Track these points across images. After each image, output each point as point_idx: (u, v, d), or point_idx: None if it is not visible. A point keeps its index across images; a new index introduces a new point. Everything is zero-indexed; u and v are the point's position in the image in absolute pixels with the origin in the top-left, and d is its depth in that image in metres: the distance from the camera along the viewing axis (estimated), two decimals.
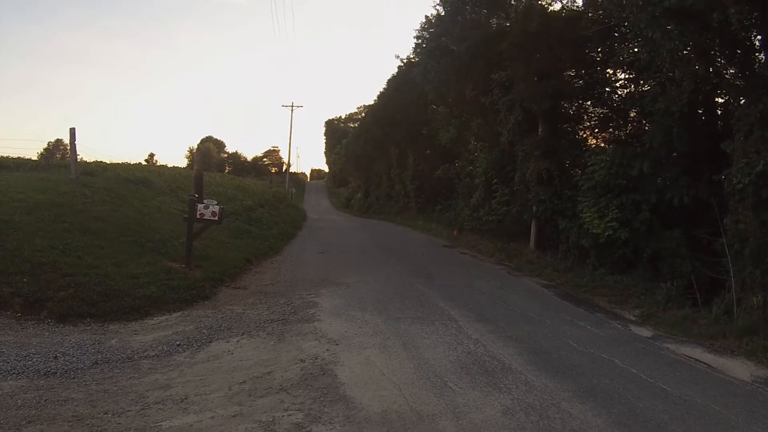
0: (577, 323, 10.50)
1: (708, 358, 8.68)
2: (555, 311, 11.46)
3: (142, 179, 20.05)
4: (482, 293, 12.84)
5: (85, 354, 7.47)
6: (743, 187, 10.53)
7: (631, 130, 18.35)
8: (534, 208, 18.87)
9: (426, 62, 27.14)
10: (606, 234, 14.56)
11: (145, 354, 7.69)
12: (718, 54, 12.43)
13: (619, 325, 10.65)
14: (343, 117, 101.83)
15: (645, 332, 10.23)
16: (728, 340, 9.40)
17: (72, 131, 15.74)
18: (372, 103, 52.66)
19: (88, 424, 5.48)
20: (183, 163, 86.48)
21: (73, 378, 6.68)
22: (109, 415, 5.69)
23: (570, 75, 19.46)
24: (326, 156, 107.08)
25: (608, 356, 8.43)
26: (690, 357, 8.70)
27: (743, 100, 11.62)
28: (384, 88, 44.86)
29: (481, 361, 7.92)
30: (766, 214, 10.35)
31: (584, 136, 20.14)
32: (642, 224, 14.18)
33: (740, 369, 8.22)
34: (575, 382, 7.24)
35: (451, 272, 15.91)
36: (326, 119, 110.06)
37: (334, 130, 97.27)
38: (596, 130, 19.99)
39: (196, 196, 12.39)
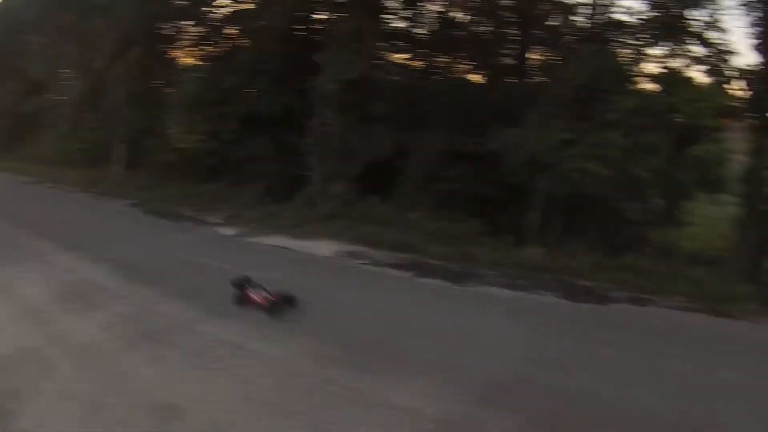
0: (162, 233, 10.73)
1: (293, 243, 9.75)
2: (141, 226, 11.54)
3: None
4: (70, 223, 11.97)
5: None
6: (330, 93, 11.76)
7: (227, 47, 18.43)
8: (119, 129, 17.68)
9: None
10: (193, 147, 14.50)
11: None
12: None
13: (205, 230, 11.11)
14: None
15: (230, 231, 10.89)
16: (312, 226, 10.69)
17: None
18: None
19: None
20: None
21: None
22: None
23: None
24: None
25: (197, 258, 8.83)
26: (275, 246, 9.63)
27: (339, 16, 12.79)
28: None
29: (75, 287, 7.62)
30: (350, 116, 11.84)
31: (177, 56, 19.55)
32: (231, 134, 14.52)
33: (323, 248, 9.47)
34: (167, 286, 7.45)
35: (37, 208, 14.19)
36: None
37: None
38: (190, 49, 19.54)
39: None
